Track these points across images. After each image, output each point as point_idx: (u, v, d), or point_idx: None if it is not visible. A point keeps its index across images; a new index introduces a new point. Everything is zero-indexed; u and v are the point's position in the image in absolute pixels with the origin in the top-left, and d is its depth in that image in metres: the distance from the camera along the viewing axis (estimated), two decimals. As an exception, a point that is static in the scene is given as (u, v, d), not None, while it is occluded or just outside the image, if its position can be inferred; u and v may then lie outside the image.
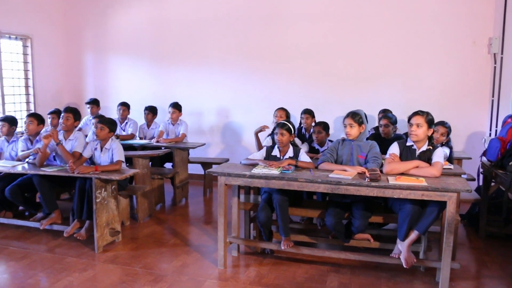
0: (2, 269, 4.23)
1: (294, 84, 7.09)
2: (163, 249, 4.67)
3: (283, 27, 7.05)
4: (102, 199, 4.54)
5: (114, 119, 5.17)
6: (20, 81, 7.67)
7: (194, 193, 6.86)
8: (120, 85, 8.18)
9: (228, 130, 7.57)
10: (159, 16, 7.73)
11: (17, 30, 7.39)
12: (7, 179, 5.20)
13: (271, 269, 4.15)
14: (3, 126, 5.49)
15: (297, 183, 3.73)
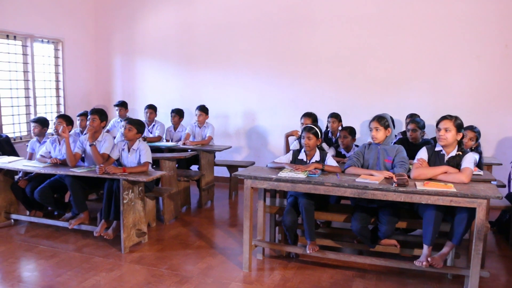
0: (33, 267, 4.33)
1: (321, 88, 7.07)
2: (189, 251, 4.70)
3: (310, 30, 7.04)
4: (129, 200, 4.60)
5: (142, 121, 5.23)
6: (51, 84, 7.85)
7: (219, 196, 6.89)
8: (147, 87, 8.28)
9: (254, 133, 7.58)
10: (187, 20, 7.80)
11: (49, 34, 7.57)
12: (38, 179, 5.33)
13: (296, 273, 4.14)
14: (35, 127, 5.63)
15: (324, 187, 3.71)
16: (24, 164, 5.17)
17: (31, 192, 5.22)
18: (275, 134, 7.37)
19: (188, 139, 6.57)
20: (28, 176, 5.44)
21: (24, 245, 4.85)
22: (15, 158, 5.56)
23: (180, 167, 6.39)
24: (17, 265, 4.39)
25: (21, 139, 7.15)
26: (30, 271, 4.25)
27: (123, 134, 4.99)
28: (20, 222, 5.55)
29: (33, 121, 5.73)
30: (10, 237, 5.11)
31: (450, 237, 3.69)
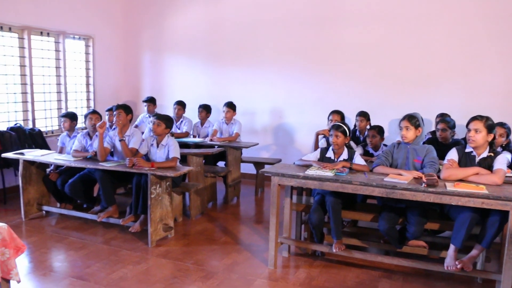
0: (63, 257, 4.44)
1: (349, 86, 7.00)
2: (214, 247, 4.73)
3: (339, 28, 6.98)
4: (156, 195, 4.66)
5: (170, 116, 5.27)
6: (81, 79, 7.99)
7: (245, 192, 6.91)
8: (175, 84, 8.35)
9: (281, 130, 7.57)
10: (215, 17, 7.83)
11: (80, 31, 7.70)
12: (68, 172, 5.45)
13: (321, 272, 4.12)
14: (65, 121, 5.74)
15: (352, 186, 3.68)
16: (55, 158, 5.29)
17: (62, 185, 5.34)
18: (302, 132, 7.34)
19: (215, 136, 6.60)
20: (59, 170, 5.56)
21: (55, 236, 4.96)
22: (46, 152, 5.69)
23: (207, 163, 6.43)
24: (48, 255, 4.50)
25: (52, 133, 7.30)
26: (61, 262, 4.36)
27: (152, 130, 5.05)
28: (51, 214, 5.68)
29: (62, 116, 5.84)
30: (42, 228, 5.23)
31: (480, 240, 3.61)
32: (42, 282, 3.87)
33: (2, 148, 5.91)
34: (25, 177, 5.43)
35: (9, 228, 2.73)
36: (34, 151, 5.64)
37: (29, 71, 6.81)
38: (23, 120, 6.84)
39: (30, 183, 5.50)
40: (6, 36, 6.51)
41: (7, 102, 6.63)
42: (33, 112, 6.95)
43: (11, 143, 6.05)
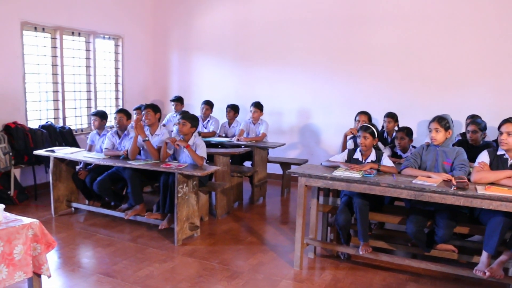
0: (91, 254, 4.51)
1: (377, 87, 6.92)
2: (240, 246, 4.74)
3: (367, 28, 6.91)
4: (183, 194, 4.69)
5: (196, 115, 5.30)
6: (111, 78, 8.11)
7: (271, 193, 6.89)
8: (203, 83, 8.39)
9: (308, 131, 7.53)
10: (243, 16, 7.85)
11: (110, 31, 7.82)
12: (97, 170, 5.54)
13: (347, 274, 4.09)
14: (95, 120, 5.84)
15: (379, 187, 3.64)
16: (84, 156, 5.38)
17: (90, 182, 5.43)
18: (328, 132, 7.29)
19: (242, 135, 6.60)
20: (88, 168, 5.65)
21: (83, 233, 5.05)
22: (76, 149, 5.79)
23: (234, 163, 6.44)
24: (77, 251, 4.57)
25: (82, 131, 7.43)
26: (88, 258, 4.43)
27: (178, 129, 5.08)
28: (80, 211, 5.78)
29: (92, 114, 5.94)
30: (70, 224, 5.33)
31: (510, 246, 3.52)
32: (71, 278, 3.93)
33: (34, 146, 6.04)
34: (55, 174, 5.54)
35: (40, 224, 2.79)
36: (64, 149, 5.75)
37: (60, 70, 6.95)
38: (54, 118, 6.99)
39: (60, 180, 5.61)
40: (39, 37, 6.66)
41: (39, 100, 6.77)
42: (63, 110, 7.09)
43: (42, 141, 6.19)
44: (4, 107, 6.12)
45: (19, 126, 6.09)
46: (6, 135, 5.91)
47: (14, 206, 5.81)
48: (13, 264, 2.63)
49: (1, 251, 2.57)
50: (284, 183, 6.84)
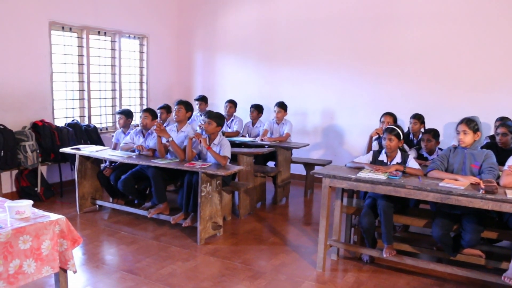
0: (114, 251, 4.56)
1: (403, 87, 6.82)
2: (263, 247, 4.73)
3: (393, 28, 6.81)
4: (207, 193, 4.70)
5: (221, 113, 5.30)
6: (135, 77, 8.19)
7: (295, 193, 6.86)
8: (227, 83, 8.41)
9: (332, 132, 7.48)
10: (267, 16, 7.83)
11: (135, 30, 7.90)
12: (121, 168, 5.59)
13: (371, 277, 4.04)
14: (120, 118, 5.90)
15: (405, 190, 3.59)
16: (109, 154, 5.43)
17: (115, 180, 5.49)
18: (353, 133, 7.23)
19: (266, 135, 6.59)
20: (113, 165, 5.71)
21: (107, 230, 5.11)
22: (101, 148, 5.87)
23: (257, 163, 6.42)
24: (101, 248, 4.63)
25: (107, 129, 7.53)
26: (112, 255, 4.48)
27: (204, 129, 5.08)
28: (104, 208, 5.84)
29: (118, 113, 6.01)
30: (95, 221, 5.40)
31: None
32: (95, 274, 3.98)
33: (60, 143, 6.14)
34: (80, 171, 5.61)
35: (67, 221, 2.82)
36: (90, 147, 5.82)
37: (86, 69, 7.05)
38: (79, 117, 7.08)
39: (85, 178, 5.69)
40: (66, 36, 6.77)
41: (66, 99, 6.88)
42: (89, 109, 7.18)
43: (68, 139, 6.28)
44: (32, 105, 6.24)
45: (46, 124, 6.19)
46: (34, 132, 6.02)
47: (40, 203, 5.92)
48: (41, 259, 2.68)
49: (30, 246, 2.61)
50: (308, 183, 6.81)
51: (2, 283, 2.50)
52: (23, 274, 2.60)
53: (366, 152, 5.11)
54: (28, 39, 6.12)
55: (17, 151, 5.76)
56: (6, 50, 5.88)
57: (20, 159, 5.79)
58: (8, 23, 5.86)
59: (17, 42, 5.98)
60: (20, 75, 6.07)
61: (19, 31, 5.99)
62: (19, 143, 5.79)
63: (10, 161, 5.69)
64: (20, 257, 2.57)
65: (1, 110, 5.87)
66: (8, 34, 5.88)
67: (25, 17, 6.04)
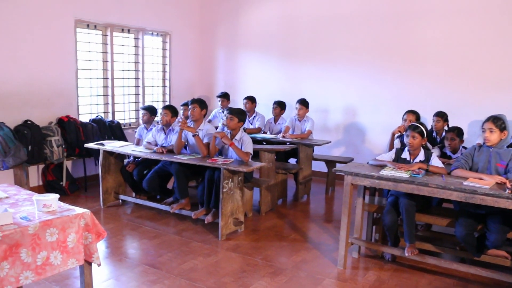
0: (137, 245, 4.62)
1: (426, 84, 6.73)
2: (283, 243, 4.74)
3: (416, 25, 6.72)
4: (228, 189, 4.72)
5: (243, 110, 5.31)
6: (158, 74, 8.26)
7: (316, 191, 6.85)
8: (248, 80, 8.43)
9: (354, 129, 7.43)
10: (290, 13, 7.81)
11: (158, 27, 7.97)
12: (144, 164, 5.66)
13: (392, 276, 4.01)
14: (144, 114, 5.97)
15: (428, 188, 3.55)
16: (132, 149, 5.50)
17: (138, 175, 5.56)
18: (375, 131, 7.17)
19: (288, 132, 6.59)
20: (136, 161, 5.78)
21: (130, 224, 5.18)
22: (124, 143, 5.94)
23: (279, 160, 6.42)
24: (124, 242, 4.70)
25: (130, 125, 7.62)
26: (135, 249, 4.54)
27: (226, 125, 5.11)
28: (127, 203, 5.93)
29: (143, 108, 6.07)
30: (118, 215, 5.48)
31: None
32: (118, 267, 4.04)
33: (85, 139, 6.24)
34: (104, 166, 5.70)
35: (92, 214, 2.87)
36: (113, 142, 5.90)
37: (110, 66, 7.14)
38: (103, 113, 7.19)
39: (109, 173, 5.77)
40: (91, 34, 6.87)
41: (90, 95, 6.98)
42: (113, 105, 7.28)
43: (93, 134, 6.38)
44: (58, 101, 6.36)
45: (71, 120, 6.30)
46: (60, 128, 6.14)
47: (65, 196, 6.03)
48: (67, 252, 2.73)
49: (56, 239, 2.67)
50: (329, 181, 6.79)
51: (31, 273, 2.57)
52: (50, 265, 2.66)
53: (388, 150, 5.07)
54: (55, 37, 6.23)
55: (43, 146, 5.88)
56: (34, 48, 6.00)
57: (46, 153, 5.91)
58: (36, 21, 5.98)
59: (44, 40, 6.10)
60: (47, 72, 6.19)
61: (46, 29, 6.11)
62: (46, 138, 5.91)
63: (37, 155, 5.82)
64: (47, 249, 2.64)
65: (29, 106, 6.00)
66: (36, 32, 6.00)
67: (52, 16, 6.16)
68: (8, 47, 5.72)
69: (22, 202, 3.01)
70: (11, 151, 5.43)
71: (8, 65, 5.74)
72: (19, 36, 5.82)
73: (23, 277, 2.54)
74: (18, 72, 5.86)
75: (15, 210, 2.81)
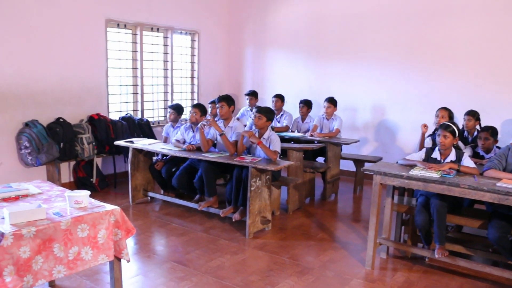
0: (165, 242, 4.66)
1: (457, 83, 6.58)
2: (311, 242, 4.71)
3: (447, 21, 6.57)
4: (256, 187, 4.72)
5: (271, 109, 5.30)
6: (186, 73, 8.32)
7: (344, 190, 6.80)
8: (276, 78, 8.42)
9: (383, 128, 7.34)
10: (318, 10, 7.76)
11: (187, 26, 8.03)
12: (172, 161, 5.72)
13: (421, 277, 3.95)
14: (171, 113, 6.03)
15: (459, 189, 3.48)
16: (161, 147, 5.55)
17: (166, 173, 5.62)
18: (404, 130, 7.07)
19: (316, 131, 6.55)
20: (164, 159, 5.84)
21: (158, 221, 5.23)
22: (153, 141, 6.01)
23: (306, 159, 6.38)
24: (152, 238, 4.75)
25: (158, 123, 7.70)
26: (163, 246, 4.59)
27: (254, 123, 5.12)
28: (155, 200, 6.00)
29: (170, 107, 6.13)
30: (146, 212, 5.55)
31: None
32: (146, 264, 4.09)
33: (114, 136, 6.34)
34: (133, 164, 5.78)
35: (121, 211, 2.92)
36: (142, 140, 5.98)
37: (140, 65, 7.23)
38: (133, 111, 7.28)
39: (138, 170, 5.84)
40: (121, 33, 6.96)
41: (120, 93, 7.08)
42: (142, 103, 7.37)
43: (122, 132, 6.47)
44: (89, 99, 6.47)
45: (102, 118, 6.40)
46: (90, 125, 6.24)
47: (95, 193, 6.15)
48: (97, 247, 2.78)
49: (87, 235, 2.72)
50: (357, 180, 6.73)
51: (63, 267, 2.63)
52: (81, 260, 2.71)
53: (419, 149, 4.99)
54: (86, 37, 6.35)
55: (75, 143, 6.00)
56: (66, 48, 6.13)
57: (77, 150, 6.02)
58: (68, 21, 6.11)
59: (76, 39, 6.22)
60: (78, 71, 6.31)
61: (78, 29, 6.23)
62: (77, 136, 6.02)
63: (69, 152, 5.94)
64: (79, 244, 2.69)
65: (61, 104, 6.13)
66: (68, 32, 6.13)
67: (83, 15, 6.27)
68: (41, 47, 5.85)
69: (54, 198, 3.08)
70: (44, 148, 5.56)
71: (41, 65, 5.88)
72: (52, 36, 5.95)
73: (55, 271, 2.60)
74: (51, 71, 6.00)
75: (48, 205, 2.88)
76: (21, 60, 5.68)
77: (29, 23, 5.69)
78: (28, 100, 5.79)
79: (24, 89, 5.74)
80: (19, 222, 2.54)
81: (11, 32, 5.55)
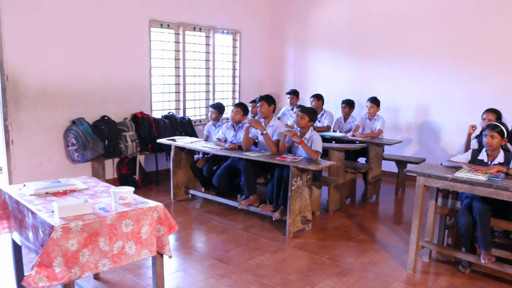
0: (205, 239, 4.72)
1: (506, 83, 6.35)
2: (351, 243, 4.67)
3: (496, 18, 6.34)
4: (297, 187, 4.71)
5: (315, 109, 5.26)
6: (228, 72, 8.39)
7: (385, 191, 6.69)
8: (318, 77, 8.36)
9: (426, 128, 7.17)
10: (361, 9, 7.66)
11: (228, 26, 8.08)
12: (214, 160, 5.78)
13: (466, 283, 3.83)
14: (213, 112, 6.09)
15: (508, 193, 3.36)
16: (202, 145, 5.62)
17: (207, 171, 5.68)
18: (449, 131, 6.88)
19: (358, 131, 6.48)
20: (206, 157, 5.91)
21: (199, 219, 5.30)
22: (195, 139, 6.08)
23: (348, 159, 6.31)
24: (193, 235, 4.82)
25: (200, 122, 7.79)
26: (203, 243, 4.65)
27: (296, 122, 5.11)
28: (196, 197, 6.08)
29: (211, 106, 6.19)
30: (187, 210, 5.63)
31: None
32: (187, 260, 4.15)
33: (157, 134, 6.45)
34: (175, 161, 5.87)
35: (164, 208, 2.97)
36: (184, 138, 6.06)
37: (182, 64, 7.33)
38: (175, 109, 7.40)
39: (180, 168, 5.94)
40: (164, 33, 7.08)
41: (163, 92, 7.21)
42: (184, 102, 7.48)
43: (165, 130, 6.59)
44: (133, 98, 6.62)
45: (145, 116, 6.53)
46: (134, 124, 6.38)
47: (138, 190, 6.25)
48: (141, 242, 2.84)
49: (131, 230, 2.79)
50: (399, 181, 6.61)
51: (108, 261, 2.70)
52: (125, 255, 2.78)
53: (464, 150, 4.84)
54: (131, 36, 6.50)
55: (119, 140, 6.15)
56: (111, 48, 6.29)
57: (121, 148, 6.17)
58: (113, 22, 6.27)
59: (120, 39, 6.38)
60: (123, 70, 6.47)
61: (122, 29, 6.38)
62: (121, 133, 6.17)
63: (113, 149, 6.10)
64: (123, 239, 2.75)
65: (106, 103, 6.29)
66: (113, 32, 6.29)
67: (128, 16, 6.42)
68: (87, 47, 6.02)
69: (100, 194, 3.17)
70: (90, 145, 5.73)
71: (88, 64, 6.05)
72: (97, 36, 6.12)
73: (101, 264, 2.67)
74: (97, 71, 6.17)
75: (94, 201, 2.97)
76: (69, 60, 5.87)
77: (78, 25, 5.87)
78: (75, 99, 5.98)
79: (72, 88, 5.93)
80: (67, 216, 2.62)
81: (61, 34, 5.74)
